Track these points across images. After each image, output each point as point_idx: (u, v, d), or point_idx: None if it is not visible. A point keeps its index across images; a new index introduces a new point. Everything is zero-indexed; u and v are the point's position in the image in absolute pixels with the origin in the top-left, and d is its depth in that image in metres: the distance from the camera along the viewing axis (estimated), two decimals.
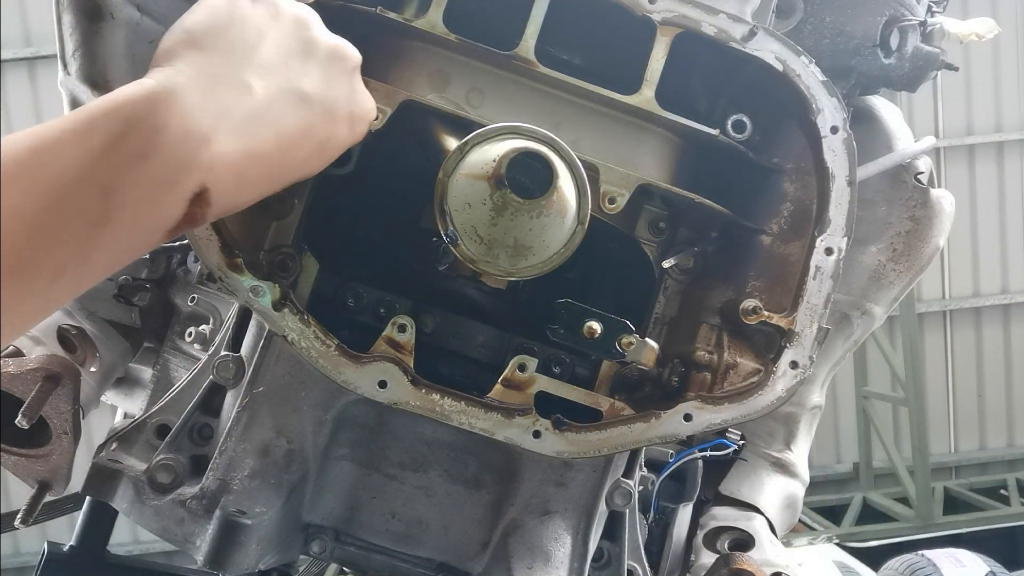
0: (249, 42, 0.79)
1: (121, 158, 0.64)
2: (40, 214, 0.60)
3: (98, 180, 0.63)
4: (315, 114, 0.83)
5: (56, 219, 0.61)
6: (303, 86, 0.82)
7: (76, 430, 1.25)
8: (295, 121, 0.80)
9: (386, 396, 1.03)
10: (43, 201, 0.60)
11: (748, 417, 1.06)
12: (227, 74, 0.75)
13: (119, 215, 0.64)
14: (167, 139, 0.66)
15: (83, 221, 0.62)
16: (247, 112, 0.75)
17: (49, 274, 0.62)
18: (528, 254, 1.00)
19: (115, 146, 0.64)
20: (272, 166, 0.79)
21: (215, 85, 0.73)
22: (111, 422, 1.62)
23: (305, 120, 0.81)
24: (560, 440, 1.05)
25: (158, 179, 0.66)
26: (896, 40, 1.41)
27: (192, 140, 0.68)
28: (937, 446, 8.58)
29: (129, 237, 0.66)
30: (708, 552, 1.52)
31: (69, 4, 1.34)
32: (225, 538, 1.07)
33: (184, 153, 0.68)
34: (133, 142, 0.65)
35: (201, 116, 0.70)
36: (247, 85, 0.76)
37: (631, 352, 1.05)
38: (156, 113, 0.66)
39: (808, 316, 1.06)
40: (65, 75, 1.40)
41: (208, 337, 1.37)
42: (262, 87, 0.77)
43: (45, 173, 0.61)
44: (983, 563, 4.69)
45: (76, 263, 0.63)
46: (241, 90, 0.75)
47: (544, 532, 1.16)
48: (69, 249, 0.62)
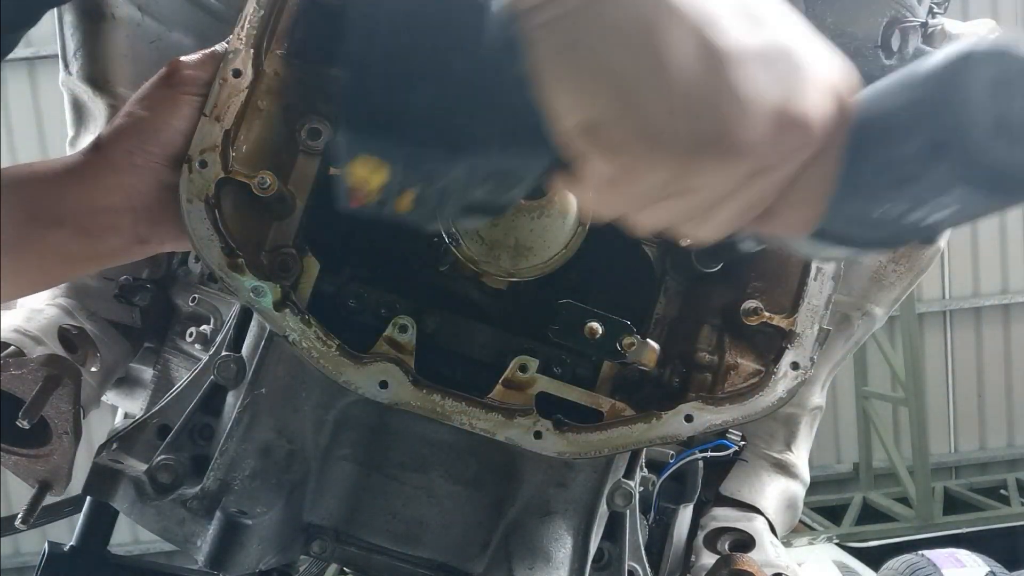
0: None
1: None
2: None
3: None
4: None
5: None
6: None
7: (77, 430, 1.24)
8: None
9: (387, 396, 1.03)
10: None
11: (749, 418, 1.06)
12: None
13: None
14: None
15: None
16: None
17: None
18: (529, 255, 1.00)
19: None
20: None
21: None
22: (111, 422, 1.62)
23: None
24: (561, 440, 1.05)
25: None
26: (897, 41, 1.40)
27: None
28: (937, 446, 8.58)
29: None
30: (709, 553, 1.52)
31: (70, 4, 1.34)
32: (226, 538, 1.07)
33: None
34: None
35: None
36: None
37: (632, 353, 1.06)
38: None
39: (809, 317, 1.06)
40: (66, 75, 1.40)
41: (209, 337, 1.37)
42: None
43: None
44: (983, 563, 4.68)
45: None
46: None
47: (545, 533, 1.16)
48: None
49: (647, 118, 0.58)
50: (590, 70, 0.58)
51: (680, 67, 0.58)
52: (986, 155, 0.54)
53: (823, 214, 0.66)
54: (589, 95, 0.59)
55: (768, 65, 0.60)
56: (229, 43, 0.98)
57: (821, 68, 0.63)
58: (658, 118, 0.58)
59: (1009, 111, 0.54)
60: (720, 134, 0.59)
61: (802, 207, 0.66)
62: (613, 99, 0.59)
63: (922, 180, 0.58)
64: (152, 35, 1.37)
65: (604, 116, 0.59)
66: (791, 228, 0.68)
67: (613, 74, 0.58)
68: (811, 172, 0.64)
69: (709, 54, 0.58)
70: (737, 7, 0.61)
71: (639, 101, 0.58)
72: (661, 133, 0.59)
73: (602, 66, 0.58)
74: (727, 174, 0.61)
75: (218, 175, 0.96)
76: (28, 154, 7.39)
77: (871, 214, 0.64)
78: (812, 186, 0.65)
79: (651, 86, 0.58)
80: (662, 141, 0.59)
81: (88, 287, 1.52)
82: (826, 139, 0.63)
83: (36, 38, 7.31)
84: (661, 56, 0.58)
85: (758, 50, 0.60)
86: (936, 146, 0.56)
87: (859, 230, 0.67)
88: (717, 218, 0.66)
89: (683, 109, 0.58)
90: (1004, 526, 7.22)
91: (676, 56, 0.58)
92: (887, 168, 0.61)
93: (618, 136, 0.59)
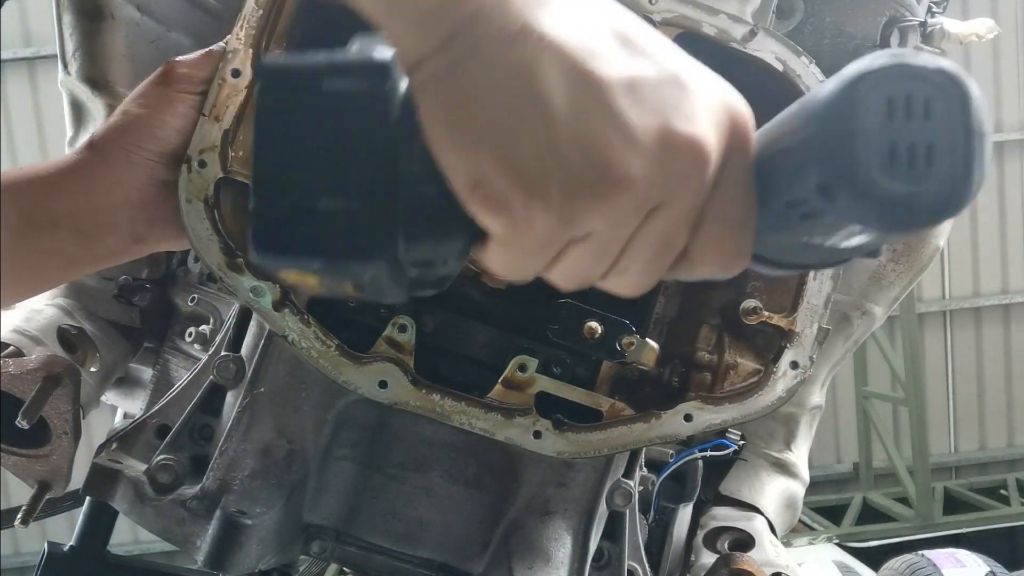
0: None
1: None
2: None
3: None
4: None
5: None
6: None
7: (76, 430, 1.24)
8: None
9: (387, 396, 1.03)
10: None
11: (748, 417, 1.07)
12: None
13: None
14: None
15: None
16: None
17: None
18: None
19: None
20: None
21: None
22: (111, 422, 1.62)
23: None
24: (560, 440, 1.05)
25: None
26: (896, 40, 1.40)
27: None
28: (937, 446, 8.58)
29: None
30: (708, 552, 1.52)
31: (69, 4, 1.34)
32: (225, 538, 1.07)
33: None
34: None
35: None
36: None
37: (631, 352, 1.06)
38: None
39: (808, 316, 1.06)
40: (65, 75, 1.40)
41: (208, 337, 1.37)
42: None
43: None
44: (983, 563, 4.68)
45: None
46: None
47: (544, 532, 1.16)
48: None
49: (522, 164, 0.55)
50: (470, 122, 0.56)
51: (558, 103, 0.55)
52: (877, 191, 0.50)
53: (750, 247, 0.62)
54: (471, 149, 0.56)
55: (651, 90, 0.56)
56: (228, 43, 0.98)
57: (709, 92, 0.59)
58: (534, 162, 0.55)
59: (904, 134, 0.50)
60: (602, 168, 0.55)
61: (720, 242, 0.61)
62: (490, 149, 0.55)
63: (825, 215, 0.53)
64: (151, 35, 1.37)
65: (484, 170, 0.56)
66: (718, 266, 0.63)
67: (490, 122, 0.55)
68: (718, 203, 0.59)
69: (587, 85, 0.55)
70: (618, 38, 0.58)
71: (515, 147, 0.55)
72: (538, 178, 0.55)
73: (480, 115, 0.55)
74: (619, 211, 0.56)
75: (217, 175, 0.96)
76: (28, 154, 7.39)
77: (796, 241, 0.60)
78: (723, 220, 0.60)
79: (528, 129, 0.55)
80: (539, 186, 0.55)
81: (87, 287, 1.52)
82: (723, 166, 0.59)
83: (36, 38, 7.33)
84: (538, 95, 0.55)
85: (640, 76, 0.57)
86: (824, 188, 0.51)
87: (792, 255, 0.63)
88: (631, 267, 0.61)
89: (562, 148, 0.55)
90: (1004, 526, 7.22)
91: (553, 92, 0.54)
92: (791, 204, 0.56)
93: (497, 188, 0.56)
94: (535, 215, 0.56)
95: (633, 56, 0.58)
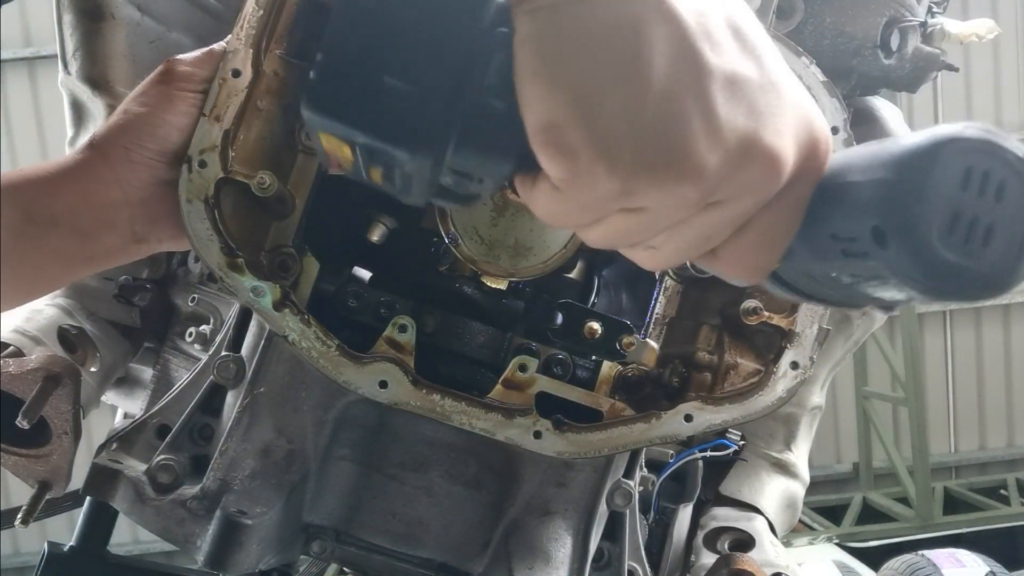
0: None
1: None
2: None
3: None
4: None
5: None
6: None
7: (76, 430, 1.24)
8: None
9: (387, 396, 1.03)
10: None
11: (749, 418, 1.06)
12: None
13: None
14: None
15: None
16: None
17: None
18: (529, 254, 1.00)
19: None
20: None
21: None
22: (111, 422, 1.62)
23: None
24: (561, 440, 1.05)
25: None
26: (897, 41, 1.41)
27: None
28: (937, 446, 8.58)
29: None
30: (708, 552, 1.52)
31: (70, 4, 1.34)
32: (226, 538, 1.07)
33: None
34: None
35: None
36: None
37: (631, 353, 1.06)
38: None
39: (808, 317, 1.06)
40: (66, 75, 1.40)
41: (208, 337, 1.37)
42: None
43: None
44: (983, 563, 4.68)
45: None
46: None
47: (545, 532, 1.16)
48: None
49: (602, 123, 0.55)
50: (562, 65, 0.55)
51: (656, 74, 0.54)
52: (928, 253, 0.50)
53: (775, 264, 0.62)
54: (554, 92, 0.55)
55: (749, 91, 0.56)
56: (228, 43, 0.98)
57: (802, 111, 0.59)
58: (613, 125, 0.55)
59: (971, 207, 0.50)
60: (679, 153, 0.55)
61: (753, 252, 0.62)
62: (574, 98, 0.55)
63: (868, 260, 0.53)
64: (152, 35, 1.37)
65: (561, 115, 0.55)
66: (740, 272, 0.64)
67: (583, 73, 0.55)
68: (767, 217, 0.60)
69: (691, 65, 0.55)
70: (732, 29, 0.57)
71: (600, 104, 0.54)
72: (613, 142, 0.55)
73: (575, 62, 0.55)
74: (680, 197, 0.56)
75: (217, 175, 0.96)
76: (28, 154, 7.39)
77: (825, 273, 0.60)
78: (766, 232, 0.60)
79: (619, 90, 0.54)
80: (612, 150, 0.55)
81: (88, 287, 1.52)
82: (790, 184, 0.59)
83: (36, 38, 7.33)
84: (639, 58, 0.54)
85: (743, 74, 0.56)
86: (879, 233, 0.52)
87: (811, 286, 0.63)
88: (665, 247, 0.62)
89: (646, 119, 0.54)
90: (1004, 526, 7.22)
91: (655, 61, 0.54)
92: (837, 238, 0.56)
93: (569, 139, 0.55)
94: (598, 177, 0.56)
95: (742, 52, 0.57)
